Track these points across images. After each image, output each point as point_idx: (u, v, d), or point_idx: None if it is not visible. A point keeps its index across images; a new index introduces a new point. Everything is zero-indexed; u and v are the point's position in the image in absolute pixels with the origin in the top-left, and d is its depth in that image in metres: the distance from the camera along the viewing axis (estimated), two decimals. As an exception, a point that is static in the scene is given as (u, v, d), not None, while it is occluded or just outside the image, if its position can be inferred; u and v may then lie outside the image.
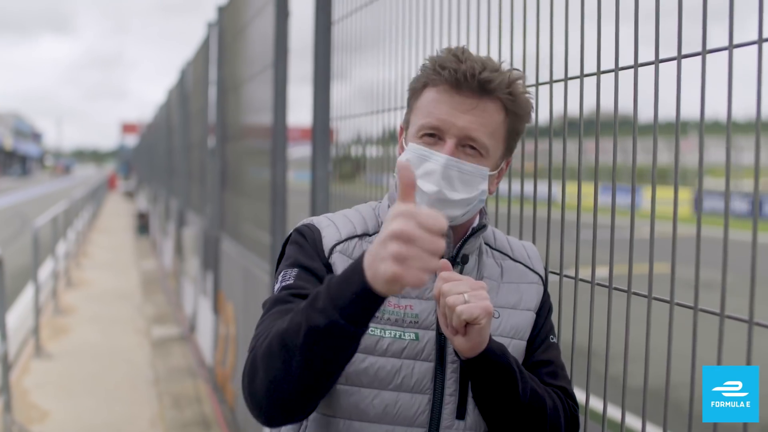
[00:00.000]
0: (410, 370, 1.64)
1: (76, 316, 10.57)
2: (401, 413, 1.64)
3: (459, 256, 1.74)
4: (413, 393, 1.65)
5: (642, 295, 1.72)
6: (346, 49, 3.38)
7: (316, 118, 3.64)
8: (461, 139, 1.64)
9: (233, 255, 6.13)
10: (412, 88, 1.74)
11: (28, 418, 6.31)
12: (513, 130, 1.71)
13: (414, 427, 1.65)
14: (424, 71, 1.69)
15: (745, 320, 1.47)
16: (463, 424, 1.68)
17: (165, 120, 17.01)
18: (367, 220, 1.79)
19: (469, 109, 1.63)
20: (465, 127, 1.63)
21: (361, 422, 1.64)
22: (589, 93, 1.87)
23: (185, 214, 11.18)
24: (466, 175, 1.64)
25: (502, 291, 1.78)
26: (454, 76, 1.62)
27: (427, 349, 1.66)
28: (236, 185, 6.49)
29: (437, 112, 1.64)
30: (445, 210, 1.60)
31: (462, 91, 1.63)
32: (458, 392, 1.67)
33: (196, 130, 10.20)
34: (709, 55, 1.52)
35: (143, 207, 23.46)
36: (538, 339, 1.79)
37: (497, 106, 1.65)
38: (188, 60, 11.28)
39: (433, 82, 1.67)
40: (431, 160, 1.63)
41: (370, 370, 1.63)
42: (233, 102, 6.69)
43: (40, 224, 9.38)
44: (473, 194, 1.66)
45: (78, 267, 15.13)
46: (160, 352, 8.62)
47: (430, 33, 2.52)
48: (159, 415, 6.49)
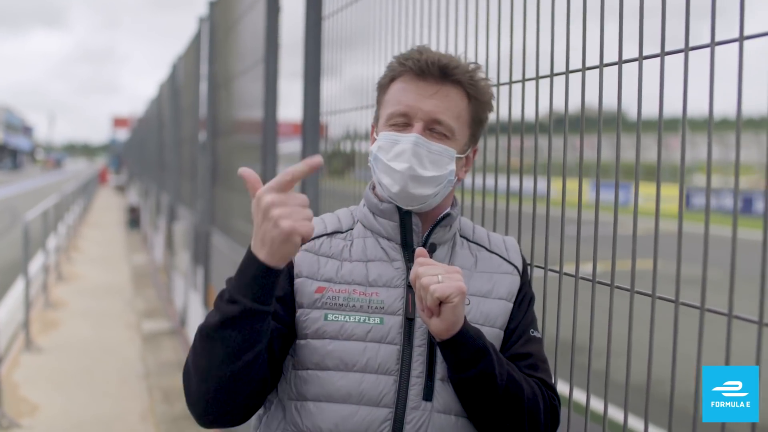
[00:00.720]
0: (374, 353, 1.70)
1: (67, 310, 10.56)
2: (366, 394, 1.69)
3: (427, 245, 1.80)
4: (378, 374, 1.70)
5: (624, 288, 1.75)
6: (337, 44, 3.40)
7: (306, 113, 3.65)
8: (428, 123, 1.74)
9: (224, 249, 6.13)
10: (379, 85, 1.86)
11: (18, 411, 6.31)
12: (476, 117, 1.81)
13: (380, 407, 1.69)
14: (390, 68, 1.82)
15: (725, 314, 1.49)
16: (430, 405, 1.71)
17: (156, 115, 16.99)
18: (342, 219, 1.90)
19: (433, 93, 1.74)
20: (431, 110, 1.73)
21: (328, 403, 1.69)
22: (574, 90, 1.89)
23: (176, 208, 11.17)
24: (434, 154, 1.73)
25: (474, 279, 1.82)
26: (417, 65, 1.74)
27: (392, 333, 1.72)
28: (227, 180, 6.49)
29: (404, 99, 1.75)
30: (418, 189, 1.73)
31: (426, 77, 1.74)
32: (425, 374, 1.71)
33: (187, 125, 10.19)
34: (696, 53, 1.54)
35: (134, 201, 23.42)
36: (518, 331, 1.82)
37: (460, 92, 1.76)
38: (179, 55, 11.26)
39: (399, 74, 1.78)
40: (401, 141, 1.73)
41: (335, 353, 1.70)
42: (224, 97, 6.68)
43: (31, 218, 9.36)
44: (443, 173, 1.74)
45: (69, 261, 15.10)
46: (151, 347, 8.63)
47: (419, 28, 2.53)
48: (149, 409, 6.50)
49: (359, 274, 1.76)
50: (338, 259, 1.79)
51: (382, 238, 1.82)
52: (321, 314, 1.72)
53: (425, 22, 2.50)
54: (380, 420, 1.68)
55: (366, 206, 1.86)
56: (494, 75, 2.13)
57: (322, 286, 1.75)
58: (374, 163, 1.78)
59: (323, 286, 1.74)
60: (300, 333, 1.73)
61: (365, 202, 1.87)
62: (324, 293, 1.73)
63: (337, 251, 1.80)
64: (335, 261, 1.78)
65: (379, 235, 1.82)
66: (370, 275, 1.76)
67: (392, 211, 1.79)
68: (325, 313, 1.72)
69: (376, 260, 1.79)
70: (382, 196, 1.80)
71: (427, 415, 1.70)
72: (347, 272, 1.76)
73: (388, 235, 1.81)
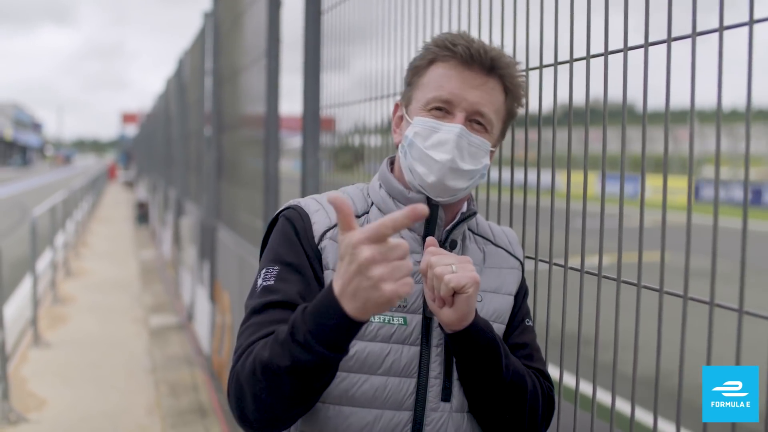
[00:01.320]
0: (398, 355, 1.65)
1: (75, 305, 10.57)
2: (391, 397, 1.65)
3: (447, 241, 1.75)
4: (401, 377, 1.66)
5: (631, 283, 1.71)
6: (339, 38, 3.37)
7: (306, 107, 3.63)
8: (470, 114, 1.68)
9: (229, 244, 6.12)
10: (415, 65, 1.76)
11: (26, 406, 6.31)
12: (510, 112, 1.76)
13: (402, 411, 1.65)
14: (430, 49, 1.72)
15: (735, 309, 1.45)
16: (448, 406, 1.68)
17: (163, 110, 17.00)
18: (356, 201, 1.80)
19: (479, 85, 1.68)
20: (475, 101, 1.67)
21: (351, 407, 1.65)
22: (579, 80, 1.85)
23: (183, 203, 11.18)
24: (474, 147, 1.68)
25: (485, 275, 1.78)
26: (468, 52, 1.66)
27: (414, 333, 1.67)
28: (232, 175, 6.48)
29: (449, 86, 1.68)
30: (453, 181, 1.67)
31: (473, 67, 1.68)
32: (443, 375, 1.68)
33: (193, 120, 10.19)
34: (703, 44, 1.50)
35: (143, 197, 23.46)
36: (515, 322, 1.80)
37: (500, 86, 1.71)
38: (185, 50, 11.25)
39: (442, 58, 1.70)
40: (442, 130, 1.67)
41: (359, 355, 1.64)
42: (229, 92, 6.67)
43: (39, 214, 9.36)
44: (478, 167, 1.70)
45: (77, 257, 15.14)
46: (158, 341, 8.63)
47: (422, 19, 2.50)
48: (156, 403, 6.49)
49: None
50: None
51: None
52: None
53: (427, 12, 2.46)
54: (403, 423, 1.65)
55: (385, 190, 1.78)
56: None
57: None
58: (409, 149, 1.70)
59: None
60: None
61: (384, 185, 1.79)
62: None
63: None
64: None
65: None
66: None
67: (421, 202, 1.70)
68: None
69: None
70: (409, 183, 1.73)
71: (447, 416, 1.68)
72: None
73: (410, 225, 1.74)
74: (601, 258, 1.81)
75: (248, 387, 1.51)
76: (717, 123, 1.47)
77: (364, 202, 1.80)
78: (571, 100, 1.90)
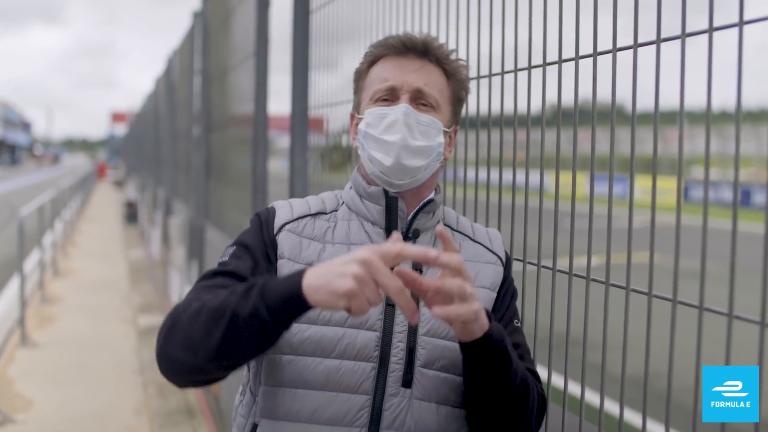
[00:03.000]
0: (353, 338, 1.67)
1: (63, 305, 10.52)
2: (344, 380, 1.66)
3: (410, 231, 1.78)
4: (356, 360, 1.67)
5: (620, 286, 1.70)
6: (327, 37, 3.35)
7: (294, 107, 3.62)
8: (414, 94, 1.76)
9: (217, 244, 6.10)
10: (357, 72, 1.88)
11: (13, 407, 6.28)
12: (455, 96, 1.84)
13: (358, 394, 1.66)
14: (368, 53, 1.85)
15: (725, 313, 1.44)
16: (409, 392, 1.68)
17: (153, 109, 16.97)
18: (326, 201, 1.89)
19: (417, 68, 1.77)
20: (415, 82, 1.76)
21: (305, 390, 1.66)
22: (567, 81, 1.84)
23: (172, 203, 11.14)
24: (423, 125, 1.75)
25: None
26: (399, 42, 1.78)
27: (371, 319, 1.68)
28: (220, 174, 6.46)
29: (389, 75, 1.78)
30: (410, 160, 1.73)
31: (408, 55, 1.78)
32: (404, 361, 1.68)
33: (182, 120, 10.16)
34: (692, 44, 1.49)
35: (132, 196, 23.39)
36: (502, 322, 1.79)
37: (439, 70, 1.80)
38: (175, 49, 11.22)
39: (379, 56, 1.82)
40: (390, 113, 1.74)
41: (313, 338, 1.66)
42: (218, 91, 6.65)
43: (26, 213, 9.32)
44: (432, 143, 1.76)
45: (66, 256, 15.08)
46: (147, 341, 8.58)
47: (410, 19, 2.49)
48: (144, 404, 6.46)
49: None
50: (321, 241, 1.77)
51: (366, 222, 1.80)
52: None
53: (416, 12, 2.46)
54: (358, 407, 1.66)
55: (353, 188, 1.85)
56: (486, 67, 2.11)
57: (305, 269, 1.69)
58: (364, 140, 1.78)
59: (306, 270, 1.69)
60: None
61: (352, 184, 1.86)
62: None
63: (320, 233, 1.78)
64: (318, 243, 1.76)
65: (364, 218, 1.80)
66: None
67: (379, 195, 1.78)
68: None
69: (358, 244, 1.76)
70: (370, 177, 1.79)
71: (407, 401, 1.68)
72: (329, 255, 1.72)
73: (372, 219, 1.79)
74: (589, 260, 1.81)
75: (185, 326, 1.56)
76: (707, 124, 1.46)
77: (335, 202, 1.88)
78: (559, 100, 1.90)
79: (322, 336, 1.66)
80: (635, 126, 1.65)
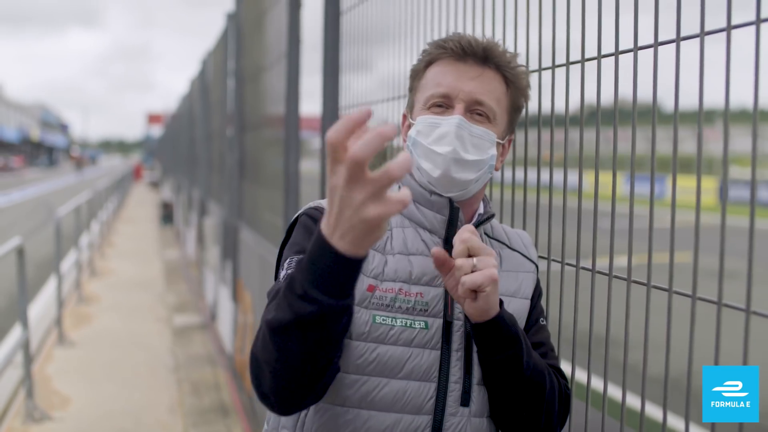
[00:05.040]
0: (419, 359, 1.64)
1: (99, 304, 10.67)
2: (411, 401, 1.64)
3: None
4: (421, 381, 1.65)
5: (641, 283, 1.71)
6: (361, 37, 3.38)
7: (325, 107, 3.65)
8: (469, 104, 1.69)
9: (251, 244, 6.16)
10: (414, 71, 1.80)
11: (50, 404, 6.39)
12: (514, 104, 1.76)
13: (421, 415, 1.64)
14: (425, 52, 1.77)
15: (743, 309, 1.45)
16: (467, 411, 1.68)
17: (188, 110, 17.11)
18: None
19: (475, 76, 1.70)
20: (472, 91, 1.69)
21: (369, 411, 1.63)
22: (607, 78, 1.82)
23: (206, 203, 11.25)
24: (476, 137, 1.68)
25: (502, 279, 1.76)
26: (459, 46, 1.70)
27: (435, 337, 1.66)
28: (254, 175, 6.52)
29: (444, 81, 1.70)
30: (460, 173, 1.67)
31: (467, 60, 1.70)
32: (463, 379, 1.67)
33: (216, 120, 10.25)
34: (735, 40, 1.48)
35: (167, 197, 23.60)
36: (530, 322, 1.80)
37: (499, 77, 1.72)
38: (209, 51, 11.32)
39: (436, 58, 1.74)
40: (443, 124, 1.68)
41: (380, 359, 1.63)
42: (251, 92, 6.71)
43: (63, 214, 9.46)
44: (484, 157, 1.70)
45: (102, 256, 15.26)
46: (181, 340, 8.69)
47: (438, 18, 2.51)
48: (178, 402, 6.54)
49: (403, 270, 1.67)
50: (382, 252, 1.69)
51: (422, 230, 1.74)
52: (369, 315, 1.63)
53: (443, 13, 2.48)
54: (422, 428, 1.64)
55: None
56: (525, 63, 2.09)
57: (372, 284, 1.65)
58: (413, 147, 1.71)
59: (373, 284, 1.65)
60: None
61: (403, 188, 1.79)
62: (374, 292, 1.64)
63: (380, 243, 1.70)
64: (380, 255, 1.69)
65: (420, 225, 1.74)
66: (414, 272, 1.68)
67: (443, 205, 1.72)
68: (373, 314, 1.63)
69: (417, 254, 1.70)
70: (419, 183, 1.73)
71: (465, 420, 1.67)
72: (392, 269, 1.67)
73: (431, 227, 1.73)
74: (612, 258, 1.81)
75: (262, 357, 1.46)
76: (754, 120, 1.48)
77: None
78: (582, 99, 1.90)
79: (390, 356, 1.63)
80: (677, 125, 1.64)
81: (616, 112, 1.76)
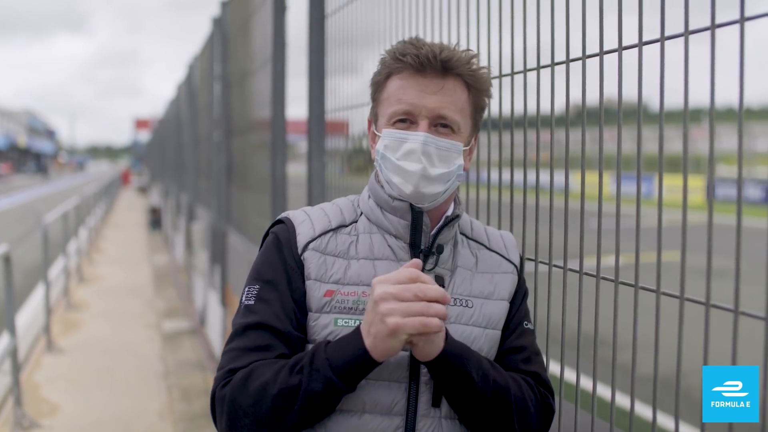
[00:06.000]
0: (387, 360, 1.64)
1: (88, 311, 10.62)
2: (379, 402, 1.66)
3: (434, 246, 1.75)
4: (390, 382, 1.66)
5: (629, 284, 1.71)
6: (346, 40, 3.37)
7: (311, 110, 3.64)
8: (433, 119, 1.70)
9: (239, 248, 6.14)
10: (375, 81, 1.80)
11: (39, 412, 6.35)
12: (477, 106, 1.78)
13: (392, 416, 1.66)
14: (385, 63, 1.75)
15: (731, 309, 1.45)
16: (438, 411, 1.69)
17: (175, 115, 17.08)
18: (344, 211, 1.83)
19: (436, 90, 1.69)
20: (435, 107, 1.69)
21: (341, 413, 1.66)
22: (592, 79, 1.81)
23: (195, 208, 11.22)
24: (443, 151, 1.70)
25: (477, 280, 1.78)
26: (417, 60, 1.68)
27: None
28: (241, 179, 6.51)
29: (406, 97, 1.70)
30: (428, 187, 1.69)
31: (426, 73, 1.69)
32: (432, 381, 1.68)
33: (203, 125, 10.23)
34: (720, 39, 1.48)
35: (156, 202, 23.54)
36: (512, 325, 1.80)
37: (460, 84, 1.72)
38: (195, 56, 11.30)
39: (396, 70, 1.73)
40: (409, 140, 1.69)
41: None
42: (237, 96, 6.69)
43: (51, 221, 9.41)
44: (452, 168, 1.72)
45: (90, 263, 15.20)
46: (171, 346, 8.66)
47: (429, 20, 2.50)
48: (168, 408, 6.52)
49: (367, 274, 1.70)
50: (345, 257, 1.73)
51: (389, 236, 1.76)
52: (330, 319, 1.67)
53: (435, 12, 2.47)
54: (392, 429, 1.66)
55: (372, 199, 1.80)
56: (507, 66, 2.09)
57: (331, 289, 1.69)
58: (382, 162, 1.73)
59: (332, 289, 1.69)
60: (309, 338, 1.69)
61: (372, 195, 1.80)
62: (333, 297, 1.68)
63: (343, 249, 1.74)
64: (342, 260, 1.72)
65: (387, 232, 1.76)
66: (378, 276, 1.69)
67: (405, 210, 1.73)
68: (334, 318, 1.67)
69: (383, 259, 1.73)
70: (392, 193, 1.74)
71: (437, 422, 1.69)
72: (355, 273, 1.70)
73: (396, 233, 1.75)
74: (599, 259, 1.81)
75: (251, 410, 1.60)
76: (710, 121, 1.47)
77: (353, 212, 1.83)
78: (568, 100, 1.89)
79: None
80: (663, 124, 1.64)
81: (602, 112, 1.76)
